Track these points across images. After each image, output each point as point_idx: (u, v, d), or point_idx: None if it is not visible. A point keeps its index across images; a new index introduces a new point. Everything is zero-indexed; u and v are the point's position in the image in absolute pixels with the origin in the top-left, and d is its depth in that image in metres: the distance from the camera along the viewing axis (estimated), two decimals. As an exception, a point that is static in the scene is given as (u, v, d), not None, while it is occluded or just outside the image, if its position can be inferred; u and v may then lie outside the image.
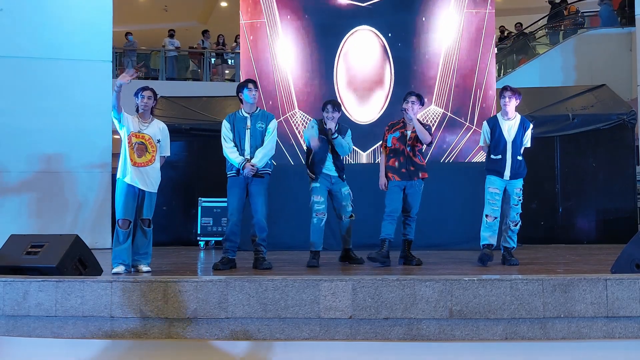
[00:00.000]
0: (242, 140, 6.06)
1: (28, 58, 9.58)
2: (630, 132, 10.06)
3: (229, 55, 17.78)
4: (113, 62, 11.86)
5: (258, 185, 6.06)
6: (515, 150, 6.29)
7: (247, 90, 6.09)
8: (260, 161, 6.02)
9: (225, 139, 6.10)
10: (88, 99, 9.71)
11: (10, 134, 9.36)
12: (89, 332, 4.59)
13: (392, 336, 4.45)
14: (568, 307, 4.36)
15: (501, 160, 6.29)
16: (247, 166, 5.95)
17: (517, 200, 6.31)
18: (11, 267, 5.06)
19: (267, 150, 6.06)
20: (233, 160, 6.03)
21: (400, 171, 6.31)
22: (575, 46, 13.76)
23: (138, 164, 5.83)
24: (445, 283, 4.43)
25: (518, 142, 6.31)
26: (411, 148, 6.34)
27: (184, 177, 10.55)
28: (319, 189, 6.43)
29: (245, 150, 6.04)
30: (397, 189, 6.31)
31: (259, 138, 6.07)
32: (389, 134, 6.43)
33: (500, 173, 6.28)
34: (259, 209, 6.04)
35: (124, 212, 5.79)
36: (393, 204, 6.29)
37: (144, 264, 5.93)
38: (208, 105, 11.65)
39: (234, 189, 6.09)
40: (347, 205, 6.49)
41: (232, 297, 4.50)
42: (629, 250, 4.92)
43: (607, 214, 9.94)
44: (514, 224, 6.33)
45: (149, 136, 5.92)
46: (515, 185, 6.32)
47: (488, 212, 6.30)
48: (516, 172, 6.29)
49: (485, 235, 6.31)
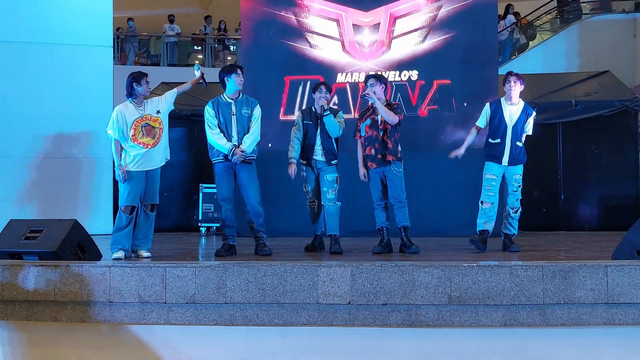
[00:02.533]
0: (228, 126, 5.99)
1: (29, 43, 9.52)
2: (634, 118, 9.99)
3: (231, 41, 17.69)
4: (114, 48, 11.83)
5: (247, 171, 6.02)
6: (515, 136, 6.21)
7: (235, 76, 5.99)
8: (249, 147, 5.97)
9: (210, 125, 6.03)
10: (89, 84, 9.67)
11: (10, 119, 9.32)
12: (87, 317, 4.59)
13: (391, 322, 4.44)
14: (568, 294, 4.34)
15: (500, 145, 6.21)
16: (237, 152, 5.91)
17: (515, 187, 6.23)
18: (10, 252, 5.06)
19: (254, 136, 6.02)
20: (222, 146, 5.96)
21: (377, 158, 6.21)
22: (579, 32, 13.66)
23: (148, 145, 5.88)
24: (444, 269, 4.41)
25: (519, 128, 6.23)
26: (384, 132, 6.21)
27: (185, 163, 10.52)
28: (306, 178, 6.52)
29: (233, 136, 5.98)
30: (377, 175, 6.28)
31: (245, 124, 6.01)
32: (361, 123, 6.31)
33: (499, 158, 6.20)
34: (251, 195, 6.01)
35: (129, 199, 5.82)
36: (377, 192, 6.29)
37: (144, 250, 5.94)
38: (209, 91, 11.60)
39: (223, 175, 6.05)
40: (326, 191, 6.35)
41: (230, 282, 4.50)
42: (631, 237, 4.90)
43: (609, 201, 9.90)
44: (514, 210, 6.27)
45: (149, 114, 5.95)
46: (514, 172, 6.23)
47: (483, 199, 6.25)
48: (515, 158, 6.20)
49: (480, 222, 6.26)
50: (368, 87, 6.22)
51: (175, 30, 17.08)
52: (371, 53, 8.77)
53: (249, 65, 8.82)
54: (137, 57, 17.18)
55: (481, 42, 8.78)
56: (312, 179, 6.48)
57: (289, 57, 9.00)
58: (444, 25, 8.75)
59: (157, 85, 10.94)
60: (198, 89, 11.52)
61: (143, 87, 5.91)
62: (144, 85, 5.92)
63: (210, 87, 6.68)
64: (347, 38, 8.82)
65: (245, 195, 6.05)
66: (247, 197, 6.03)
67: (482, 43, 8.78)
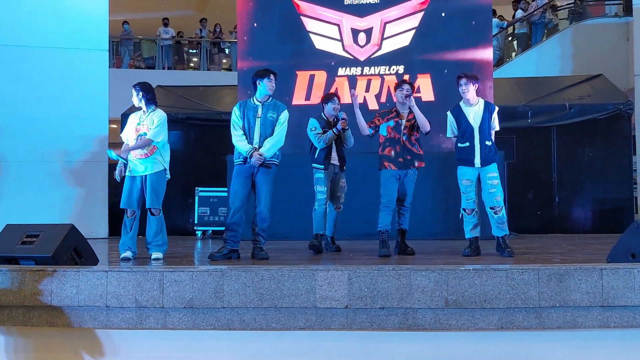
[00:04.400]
0: (251, 129, 5.99)
1: (24, 47, 9.54)
2: (627, 122, 10.06)
3: (226, 44, 17.69)
4: (110, 51, 11.82)
5: (264, 175, 5.98)
6: (483, 136, 6.07)
7: (267, 80, 5.98)
8: (269, 151, 5.94)
9: (235, 126, 6.04)
10: (85, 88, 9.69)
11: (6, 123, 9.32)
12: (84, 322, 4.59)
13: (388, 326, 4.45)
14: (563, 297, 4.36)
15: (469, 147, 6.09)
16: (255, 155, 5.88)
17: (491, 186, 6.03)
18: (6, 256, 5.05)
19: (276, 140, 5.97)
20: (241, 148, 5.97)
21: (397, 160, 6.28)
22: (572, 36, 13.72)
23: (139, 155, 6.01)
24: (441, 273, 4.43)
25: (485, 127, 6.09)
26: (407, 137, 6.31)
27: (181, 167, 10.48)
28: (323, 179, 6.69)
29: (254, 139, 5.96)
30: (393, 178, 6.29)
31: (269, 128, 5.98)
32: (384, 122, 6.39)
33: (471, 161, 6.08)
34: (262, 199, 5.97)
35: (125, 202, 6.02)
36: (390, 193, 6.27)
37: (153, 251, 6.07)
38: (205, 94, 11.62)
39: (239, 177, 6.01)
40: (340, 196, 6.80)
41: (228, 286, 4.50)
42: (625, 240, 4.93)
43: (604, 204, 9.97)
44: (495, 211, 6.05)
45: (147, 126, 6.04)
46: (488, 171, 6.06)
47: (464, 206, 6.16)
48: (486, 157, 6.06)
49: (467, 230, 6.19)
50: (403, 90, 6.33)
51: (170, 33, 17.07)
52: (366, 52, 9.76)
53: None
54: (132, 60, 17.17)
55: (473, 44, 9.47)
56: (328, 182, 6.76)
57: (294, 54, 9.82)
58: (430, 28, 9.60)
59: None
60: (194, 91, 11.60)
61: (267, 84, 6.02)
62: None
63: (205, 90, 6.76)
64: (346, 39, 9.74)
65: (257, 197, 6.02)
66: (258, 199, 6.00)
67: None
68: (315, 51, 9.69)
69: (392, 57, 9.59)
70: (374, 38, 9.63)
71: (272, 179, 6.03)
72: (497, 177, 6.08)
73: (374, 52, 9.63)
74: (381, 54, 9.62)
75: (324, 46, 9.68)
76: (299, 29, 9.72)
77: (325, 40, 9.70)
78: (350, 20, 9.68)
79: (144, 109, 6.12)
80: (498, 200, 6.04)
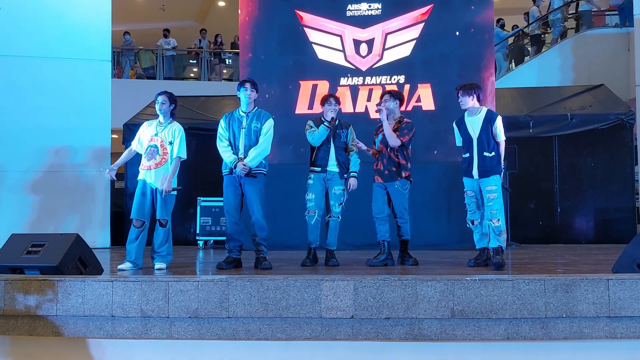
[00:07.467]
0: (236, 139, 6.06)
1: (27, 57, 9.57)
2: (629, 132, 10.08)
3: (227, 54, 17.75)
4: (112, 62, 11.86)
5: (251, 185, 6.03)
6: (481, 147, 5.96)
7: (243, 90, 6.09)
8: (252, 161, 5.98)
9: (220, 138, 6.13)
10: (87, 98, 9.72)
11: (9, 133, 9.34)
12: (90, 332, 4.58)
13: (394, 336, 4.44)
14: (570, 307, 4.35)
15: (469, 159, 6.05)
16: (239, 165, 5.94)
17: (489, 199, 5.90)
18: (12, 266, 5.04)
19: (260, 149, 6.02)
20: (226, 159, 6.06)
21: (384, 173, 6.34)
22: (573, 46, 13.76)
23: (146, 167, 6.10)
24: (447, 283, 4.42)
25: (483, 137, 5.96)
26: (392, 149, 6.32)
27: (182, 177, 10.49)
28: (312, 185, 6.43)
29: (239, 149, 6.04)
30: (379, 189, 6.38)
31: (254, 138, 6.04)
32: (376, 138, 6.47)
33: (470, 172, 6.05)
34: (255, 209, 6.04)
35: (135, 212, 6.05)
36: (377, 205, 6.39)
37: (157, 262, 6.08)
38: (206, 104, 11.65)
39: (229, 188, 6.11)
40: (334, 204, 6.42)
41: (233, 296, 4.49)
42: (630, 250, 4.92)
43: (606, 214, 9.97)
44: (492, 222, 5.89)
45: (161, 139, 6.10)
46: (487, 184, 5.94)
47: (468, 217, 6.17)
48: (484, 169, 5.95)
49: (475, 240, 6.22)
50: (382, 102, 6.31)
51: (171, 44, 17.11)
52: (367, 62, 9.79)
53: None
54: (133, 70, 17.21)
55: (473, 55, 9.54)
56: (319, 189, 6.43)
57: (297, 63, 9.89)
58: (431, 38, 9.66)
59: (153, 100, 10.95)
60: (196, 102, 11.61)
61: (157, 104, 6.20)
62: (156, 104, 6.23)
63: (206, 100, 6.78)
64: (348, 50, 9.79)
65: (250, 209, 6.07)
66: (252, 211, 6.06)
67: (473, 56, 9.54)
68: (318, 61, 9.75)
69: (393, 67, 9.65)
70: (376, 48, 9.70)
71: (260, 188, 6.07)
72: (495, 191, 5.92)
73: (375, 62, 9.70)
74: (382, 64, 9.70)
75: (326, 56, 9.74)
76: (302, 40, 9.78)
77: (328, 50, 9.78)
78: (352, 31, 9.76)
79: (160, 120, 6.15)
80: (494, 213, 5.89)
